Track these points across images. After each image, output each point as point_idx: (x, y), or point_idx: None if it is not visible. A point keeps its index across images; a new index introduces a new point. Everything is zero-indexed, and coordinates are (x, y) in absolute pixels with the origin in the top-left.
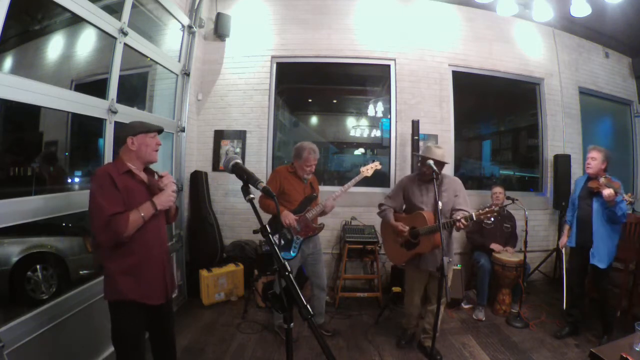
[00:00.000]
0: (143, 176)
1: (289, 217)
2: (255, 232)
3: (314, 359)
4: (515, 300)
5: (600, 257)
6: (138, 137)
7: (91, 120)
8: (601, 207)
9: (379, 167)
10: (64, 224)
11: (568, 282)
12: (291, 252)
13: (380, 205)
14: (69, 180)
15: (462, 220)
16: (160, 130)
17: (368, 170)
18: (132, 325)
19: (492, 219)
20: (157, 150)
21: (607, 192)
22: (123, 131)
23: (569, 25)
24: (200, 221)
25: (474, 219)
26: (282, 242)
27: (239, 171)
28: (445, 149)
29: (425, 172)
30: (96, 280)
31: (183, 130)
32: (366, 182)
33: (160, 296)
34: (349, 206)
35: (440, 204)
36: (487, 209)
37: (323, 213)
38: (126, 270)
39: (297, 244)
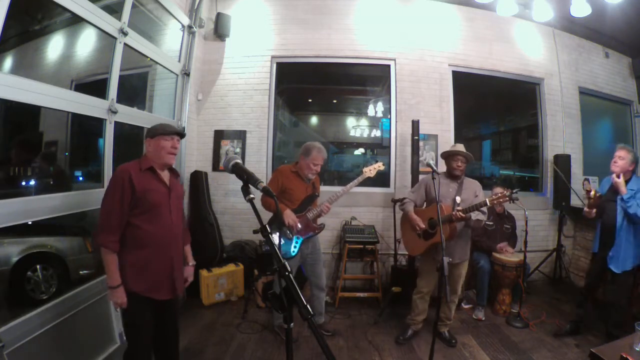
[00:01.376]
0: (165, 176)
1: (291, 217)
2: (255, 232)
3: (314, 359)
4: (515, 300)
5: (617, 261)
6: (155, 139)
7: (91, 120)
8: (623, 210)
9: (382, 167)
10: (57, 223)
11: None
12: (291, 252)
13: (403, 199)
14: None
15: (474, 209)
16: (179, 134)
17: (371, 170)
18: (137, 317)
19: (493, 222)
20: (172, 154)
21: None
22: (146, 133)
23: (569, 25)
24: (200, 221)
25: (488, 204)
26: (283, 241)
27: (239, 171)
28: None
29: (455, 167)
30: (96, 280)
31: (183, 130)
32: (366, 182)
33: (166, 292)
34: (349, 206)
35: (459, 198)
36: (499, 194)
37: (320, 215)
38: (134, 263)
39: (297, 244)
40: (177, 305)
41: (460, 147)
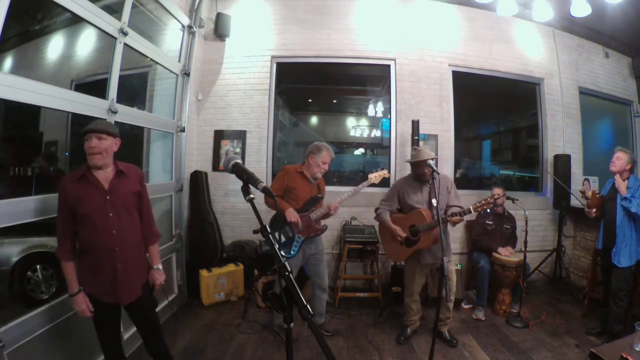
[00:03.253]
0: (105, 178)
1: (293, 214)
2: (255, 232)
3: (314, 359)
4: (515, 300)
5: (619, 257)
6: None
7: (91, 120)
8: (624, 208)
9: (387, 175)
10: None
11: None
12: (291, 251)
13: (376, 209)
14: None
15: (458, 215)
16: (97, 130)
17: (376, 177)
18: (97, 317)
19: (492, 222)
20: (93, 154)
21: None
22: None
23: (569, 25)
24: (200, 221)
25: (472, 211)
26: (283, 239)
27: (239, 171)
28: (427, 147)
29: (426, 174)
30: None
31: (183, 130)
32: None
33: (110, 297)
34: (349, 206)
35: (435, 201)
36: (483, 202)
37: (327, 215)
38: (83, 268)
39: (298, 243)
40: (144, 308)
41: (426, 152)
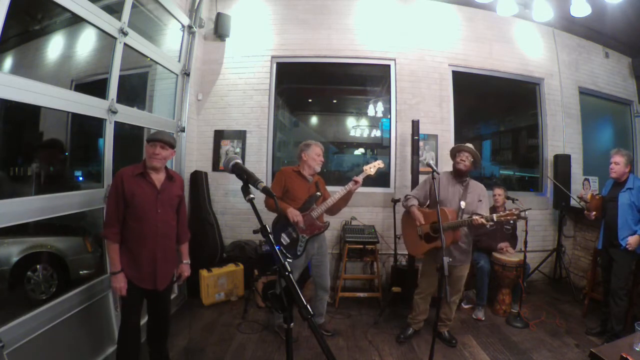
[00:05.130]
0: (158, 179)
1: (294, 213)
2: (255, 232)
3: (314, 359)
4: (515, 300)
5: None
6: (146, 145)
7: (91, 120)
8: (629, 208)
9: (382, 165)
10: (57, 223)
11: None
12: (297, 252)
13: (405, 196)
14: None
15: (482, 220)
16: (161, 141)
17: (371, 168)
18: (130, 298)
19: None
20: (154, 159)
21: None
22: None
23: (569, 25)
24: (200, 221)
25: (495, 220)
26: (288, 240)
27: (239, 171)
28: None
29: (462, 169)
30: (96, 280)
31: (183, 130)
32: (367, 182)
33: (148, 283)
34: (349, 206)
35: (463, 203)
36: (507, 212)
37: (347, 196)
38: (125, 253)
39: (303, 243)
40: (167, 298)
41: (469, 145)
